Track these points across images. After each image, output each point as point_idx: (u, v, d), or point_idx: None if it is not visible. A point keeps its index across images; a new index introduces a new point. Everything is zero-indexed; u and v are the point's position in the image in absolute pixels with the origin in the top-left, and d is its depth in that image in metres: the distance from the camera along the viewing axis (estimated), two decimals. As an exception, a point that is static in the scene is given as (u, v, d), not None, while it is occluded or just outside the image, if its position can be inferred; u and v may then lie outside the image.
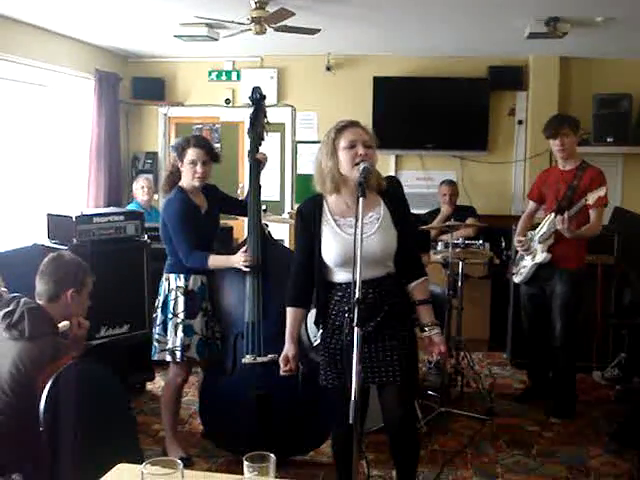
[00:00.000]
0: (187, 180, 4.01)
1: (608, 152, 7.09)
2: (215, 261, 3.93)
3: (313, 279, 3.12)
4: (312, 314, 3.59)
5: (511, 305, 6.00)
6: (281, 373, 3.22)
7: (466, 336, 5.41)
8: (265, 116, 4.22)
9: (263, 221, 4.23)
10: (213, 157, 4.07)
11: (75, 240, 4.74)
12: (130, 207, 6.58)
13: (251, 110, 4.23)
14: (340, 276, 3.05)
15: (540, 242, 4.93)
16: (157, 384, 5.43)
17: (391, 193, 3.15)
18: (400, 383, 3.01)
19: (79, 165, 7.01)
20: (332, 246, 3.02)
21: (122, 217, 5.06)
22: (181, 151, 3.99)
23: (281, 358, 3.21)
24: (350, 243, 2.79)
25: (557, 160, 5.06)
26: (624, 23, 5.56)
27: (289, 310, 3.21)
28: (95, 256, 4.62)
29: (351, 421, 2.42)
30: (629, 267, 5.83)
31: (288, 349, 3.19)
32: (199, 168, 3.97)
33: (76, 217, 4.80)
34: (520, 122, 7.43)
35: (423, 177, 7.52)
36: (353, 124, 3.05)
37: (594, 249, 5.47)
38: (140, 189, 6.99)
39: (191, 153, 3.97)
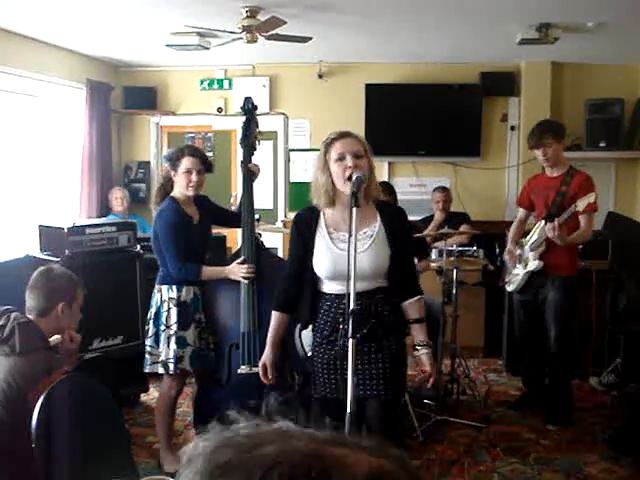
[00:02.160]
0: (181, 189, 3.98)
1: (600, 157, 7.10)
2: (208, 273, 3.91)
3: (302, 287, 3.10)
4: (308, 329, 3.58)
5: (506, 311, 6.00)
6: (262, 380, 3.18)
7: (461, 343, 5.41)
8: (257, 126, 4.21)
9: (256, 230, 4.21)
10: (207, 167, 4.07)
11: (67, 251, 4.72)
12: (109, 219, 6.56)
13: (243, 120, 4.22)
14: (329, 287, 3.03)
15: (532, 250, 4.92)
16: (151, 395, 5.40)
17: (390, 210, 3.11)
18: (385, 397, 2.98)
19: (71, 175, 6.98)
20: (323, 259, 3.00)
21: (114, 228, 5.05)
22: (175, 160, 3.97)
23: (260, 365, 3.18)
24: (341, 257, 2.78)
25: (544, 167, 5.05)
26: (615, 28, 5.57)
27: (274, 314, 3.19)
28: (87, 267, 4.61)
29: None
30: (623, 272, 5.82)
31: (267, 356, 3.17)
32: (194, 177, 3.96)
33: (68, 228, 4.78)
34: (513, 128, 7.44)
35: (416, 184, 7.51)
36: (343, 135, 3.01)
37: (588, 254, 5.48)
38: (115, 200, 7.01)
39: (186, 162, 3.96)
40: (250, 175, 4.14)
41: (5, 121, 6.19)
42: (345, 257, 2.67)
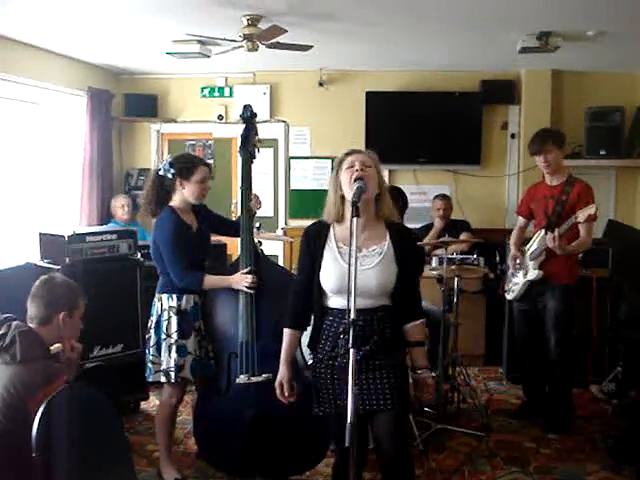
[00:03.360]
0: (189, 198, 3.98)
1: (600, 165, 7.11)
2: (211, 281, 3.91)
3: (311, 301, 3.10)
4: (307, 333, 3.57)
5: (506, 319, 6.00)
6: (279, 398, 3.18)
7: (461, 351, 5.40)
8: (256, 134, 4.21)
9: (256, 239, 4.21)
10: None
11: (68, 259, 4.72)
12: (110, 226, 6.57)
13: (242, 128, 4.22)
14: (334, 302, 3.02)
15: (531, 259, 4.93)
16: (151, 403, 5.39)
17: (400, 229, 3.10)
18: (392, 412, 2.97)
19: (72, 183, 6.99)
20: (330, 272, 3.00)
21: (115, 236, 5.06)
22: (188, 169, 3.96)
23: (276, 383, 3.16)
24: (347, 273, 2.74)
25: (544, 175, 5.06)
26: (615, 37, 5.58)
27: (286, 332, 3.17)
28: (88, 275, 4.61)
29: (347, 444, 2.38)
30: (623, 280, 5.82)
31: (283, 374, 3.15)
32: (206, 186, 4.01)
33: (68, 236, 4.79)
34: (513, 136, 7.45)
35: (417, 191, 7.51)
36: (354, 151, 3.06)
37: (588, 263, 5.48)
38: (120, 208, 7.01)
39: (200, 171, 3.98)
40: (249, 185, 4.13)
41: (7, 128, 6.20)
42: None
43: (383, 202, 3.03)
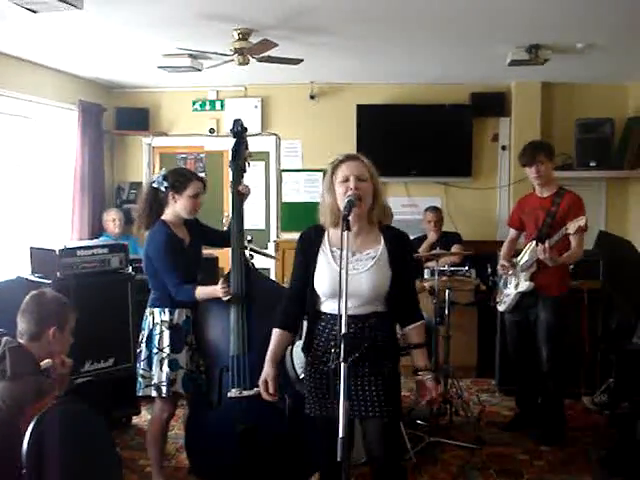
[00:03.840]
0: (181, 212, 3.98)
1: (591, 176, 7.14)
2: (201, 292, 3.90)
3: (304, 305, 3.10)
4: (297, 345, 3.58)
5: (498, 331, 5.99)
6: (263, 396, 3.16)
7: (454, 363, 5.40)
8: (247, 148, 4.23)
9: (247, 252, 4.21)
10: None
11: (59, 274, 4.71)
12: (101, 240, 6.56)
13: (233, 142, 4.23)
14: (327, 306, 3.02)
15: (522, 270, 4.94)
16: (143, 418, 5.37)
17: (394, 233, 3.09)
18: (382, 418, 2.96)
19: (63, 196, 6.98)
20: (323, 276, 2.99)
21: (106, 250, 5.05)
22: (181, 183, 3.97)
23: (260, 381, 3.14)
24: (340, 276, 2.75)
25: (534, 187, 5.09)
26: (604, 49, 5.62)
27: (275, 332, 3.15)
28: (79, 289, 4.61)
29: (339, 459, 2.38)
30: (615, 291, 5.84)
31: (267, 372, 3.12)
32: (199, 201, 4.02)
33: (59, 250, 4.78)
34: (504, 148, 7.48)
35: (408, 204, 7.53)
36: (349, 158, 3.03)
37: (579, 274, 5.50)
38: (111, 222, 7.01)
39: (194, 186, 3.99)
40: (240, 197, 4.15)
41: (-2, 142, 6.21)
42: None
43: (376, 206, 3.02)
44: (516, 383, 5.40)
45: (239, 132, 4.23)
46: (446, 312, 5.29)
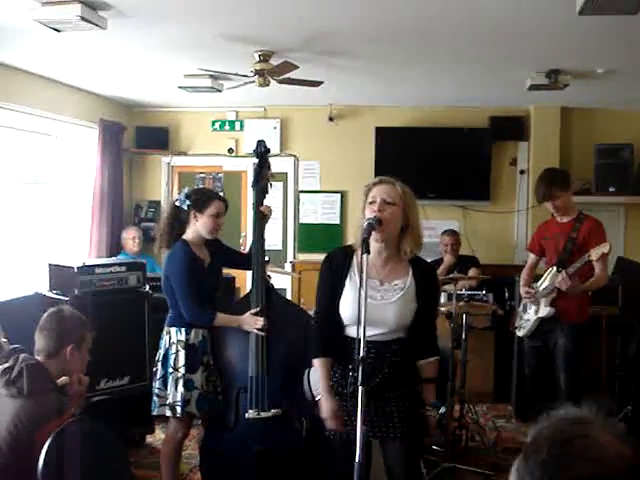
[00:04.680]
0: (202, 232, 3.99)
1: (610, 202, 7.10)
2: (222, 320, 3.90)
3: (334, 329, 3.06)
4: (314, 369, 3.56)
5: (515, 356, 5.95)
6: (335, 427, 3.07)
7: (470, 388, 5.36)
8: (269, 169, 4.24)
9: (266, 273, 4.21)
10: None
11: (76, 291, 4.72)
12: (119, 258, 6.58)
13: (255, 163, 4.25)
14: (350, 330, 2.99)
15: (543, 296, 4.91)
16: (157, 437, 5.35)
17: (423, 267, 3.08)
18: (403, 440, 2.95)
19: (82, 214, 7.02)
20: (349, 302, 2.98)
21: (124, 268, 5.06)
22: (203, 203, 3.98)
23: (327, 416, 3.03)
24: (368, 305, 2.69)
25: (553, 213, 5.06)
26: (624, 74, 5.61)
27: (318, 362, 3.08)
28: (96, 307, 4.62)
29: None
30: (634, 318, 5.78)
31: (330, 405, 3.01)
32: (220, 221, 4.02)
33: (78, 267, 4.80)
34: (522, 172, 7.45)
35: (425, 227, 7.32)
36: (382, 181, 3.03)
37: (598, 300, 5.44)
38: (130, 240, 7.03)
39: (215, 206, 4.00)
40: (262, 217, 4.16)
41: (19, 159, 6.25)
42: (372, 305, 2.68)
43: (407, 237, 2.98)
44: (533, 409, 5.34)
45: (262, 153, 4.24)
46: (463, 336, 5.25)
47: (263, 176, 4.21)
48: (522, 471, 1.21)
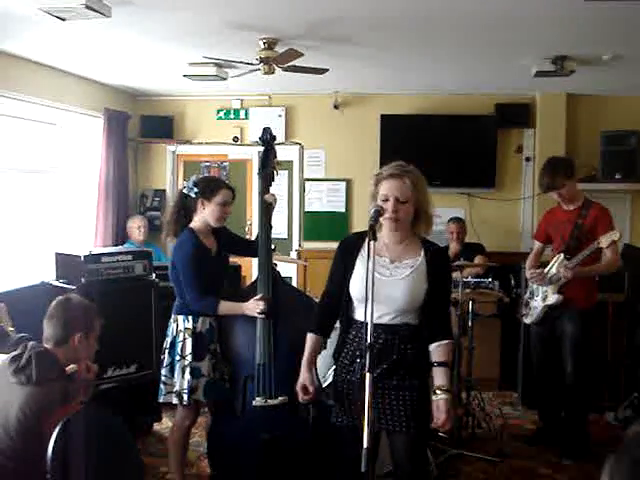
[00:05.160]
0: (209, 220, 3.99)
1: (616, 189, 7.07)
2: (225, 308, 3.90)
3: (338, 311, 3.10)
4: (321, 356, 3.56)
5: (521, 344, 5.96)
6: (300, 400, 3.18)
7: (476, 375, 5.37)
8: (275, 157, 4.24)
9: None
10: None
11: (83, 280, 4.73)
12: (125, 247, 6.59)
13: (261, 151, 4.25)
14: (359, 314, 2.99)
15: (551, 283, 4.90)
16: (164, 425, 5.38)
17: (435, 248, 3.09)
18: (409, 432, 2.95)
19: (87, 203, 7.02)
20: (358, 279, 2.99)
21: (130, 257, 5.06)
22: (211, 191, 3.98)
23: (298, 387, 3.15)
24: (377, 281, 2.72)
25: (559, 201, 5.06)
26: (631, 60, 5.58)
27: (310, 337, 3.17)
28: (103, 296, 4.61)
29: (363, 469, 2.37)
30: (640, 305, 5.78)
31: (305, 376, 3.14)
32: (228, 209, 4.02)
33: (84, 256, 4.80)
34: (528, 159, 7.43)
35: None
36: (392, 176, 3.02)
37: (605, 287, 5.44)
38: (136, 229, 7.04)
39: (223, 194, 4.00)
40: (268, 205, 4.15)
41: (24, 148, 6.25)
42: (381, 281, 2.68)
43: (421, 222, 3.04)
44: (539, 396, 5.36)
45: (268, 140, 4.24)
46: (469, 324, 5.26)
47: (269, 163, 4.20)
48: (613, 469, 1.27)
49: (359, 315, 3.00)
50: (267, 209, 4.17)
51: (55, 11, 3.99)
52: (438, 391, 3.00)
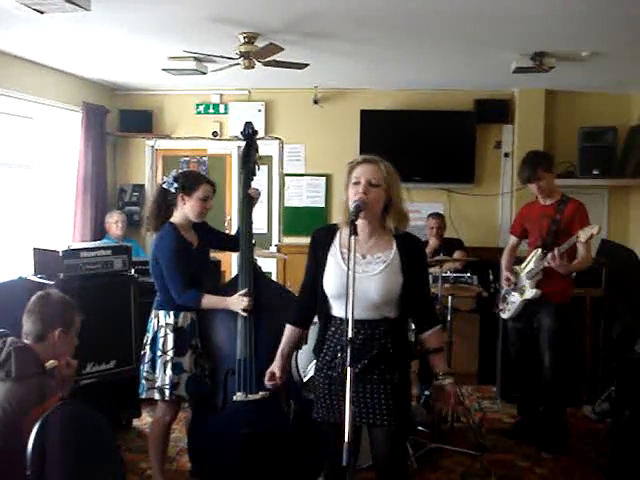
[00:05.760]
0: (190, 215, 3.96)
1: (594, 185, 7.14)
2: (209, 301, 3.89)
3: (316, 303, 3.08)
4: (302, 351, 3.57)
5: (500, 338, 5.99)
6: (266, 384, 3.19)
7: (455, 369, 5.37)
8: (257, 151, 4.23)
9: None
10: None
11: (62, 275, 4.70)
12: (103, 242, 6.55)
13: (243, 145, 4.24)
14: (336, 310, 2.99)
15: (528, 278, 4.94)
16: (144, 420, 5.36)
17: (408, 239, 3.04)
18: (390, 427, 2.95)
19: (66, 198, 6.97)
20: (332, 277, 2.97)
21: (109, 252, 5.02)
22: (191, 186, 3.95)
23: (268, 371, 3.17)
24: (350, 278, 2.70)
25: (537, 195, 5.09)
26: (609, 57, 5.63)
27: (287, 327, 3.18)
28: (82, 291, 4.59)
29: (344, 463, 2.37)
30: (617, 299, 5.83)
31: (275, 364, 3.17)
32: (208, 204, 4.00)
33: (63, 252, 4.75)
34: (506, 155, 7.49)
35: (410, 210, 7.30)
36: (366, 161, 2.99)
37: (582, 282, 5.49)
38: (114, 224, 7.01)
39: (204, 189, 3.97)
40: (250, 200, 4.15)
41: (2, 142, 6.19)
42: (355, 279, 2.64)
43: (390, 214, 2.97)
44: (518, 390, 5.40)
45: (250, 135, 4.23)
46: (448, 318, 5.29)
47: (251, 158, 4.20)
48: None
49: (336, 311, 2.99)
50: (249, 204, 4.16)
51: (33, 4, 3.95)
52: (440, 377, 3.01)
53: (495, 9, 4.39)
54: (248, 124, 4.24)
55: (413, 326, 3.22)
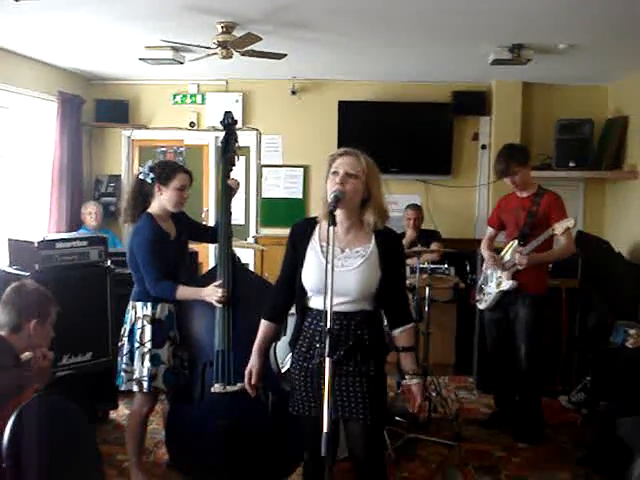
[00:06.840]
0: (167, 205, 3.93)
1: (570, 177, 7.18)
2: (184, 292, 3.86)
3: (292, 298, 3.08)
4: (281, 340, 3.56)
5: (476, 329, 6.03)
6: (246, 387, 3.18)
7: (432, 360, 5.42)
8: (236, 141, 4.21)
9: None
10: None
11: (37, 266, 4.65)
12: (79, 232, 6.50)
13: (222, 135, 4.21)
14: (314, 302, 2.99)
15: (504, 269, 4.97)
16: (120, 412, 5.33)
17: (386, 233, 3.02)
18: (365, 421, 2.94)
19: (41, 188, 6.90)
20: (310, 270, 2.96)
21: (85, 242, 4.99)
22: (167, 176, 3.92)
23: (246, 371, 3.17)
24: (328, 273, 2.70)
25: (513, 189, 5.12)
26: (586, 50, 5.65)
27: (262, 323, 3.16)
28: (57, 282, 4.55)
29: (323, 454, 2.37)
30: (593, 290, 5.89)
31: (253, 363, 3.16)
32: (185, 194, 3.97)
33: (38, 242, 4.72)
34: (484, 147, 7.51)
35: (388, 201, 7.41)
36: (346, 153, 2.98)
37: (558, 273, 5.53)
38: (88, 215, 6.96)
39: (180, 179, 3.94)
40: (229, 191, 4.13)
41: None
42: (334, 273, 2.63)
43: (368, 209, 2.96)
44: (494, 381, 5.44)
45: (229, 124, 4.21)
46: (425, 309, 5.31)
47: (230, 148, 4.17)
48: None
49: (314, 304, 2.99)
50: (229, 194, 4.14)
51: (7, -9, 3.91)
52: (408, 376, 3.02)
53: (473, 1, 4.39)
54: (227, 113, 4.23)
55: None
